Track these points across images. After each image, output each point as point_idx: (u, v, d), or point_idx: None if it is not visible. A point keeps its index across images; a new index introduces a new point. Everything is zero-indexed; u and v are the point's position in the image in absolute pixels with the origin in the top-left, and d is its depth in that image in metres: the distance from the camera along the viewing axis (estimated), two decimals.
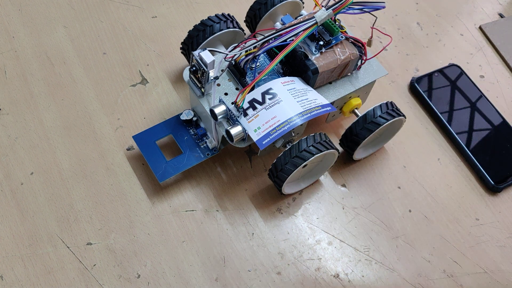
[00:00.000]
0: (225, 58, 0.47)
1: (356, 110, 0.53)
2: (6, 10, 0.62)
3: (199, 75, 0.47)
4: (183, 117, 0.52)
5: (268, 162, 0.55)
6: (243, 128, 0.46)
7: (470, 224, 0.53)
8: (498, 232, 0.53)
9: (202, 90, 0.48)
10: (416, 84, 0.61)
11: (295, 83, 0.48)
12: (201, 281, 0.47)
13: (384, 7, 0.47)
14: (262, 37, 0.46)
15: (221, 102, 0.47)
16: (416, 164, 0.56)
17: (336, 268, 0.49)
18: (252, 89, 0.47)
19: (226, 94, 0.49)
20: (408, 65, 0.64)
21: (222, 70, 0.48)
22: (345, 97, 0.52)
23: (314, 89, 0.49)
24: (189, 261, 0.48)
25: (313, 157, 0.46)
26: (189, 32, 0.53)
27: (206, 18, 0.53)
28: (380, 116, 0.50)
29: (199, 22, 0.53)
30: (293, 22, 0.49)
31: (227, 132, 0.46)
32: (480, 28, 0.69)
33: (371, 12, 0.48)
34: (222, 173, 0.54)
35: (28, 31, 0.60)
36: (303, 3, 0.58)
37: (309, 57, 0.48)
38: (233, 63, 0.49)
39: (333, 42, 0.49)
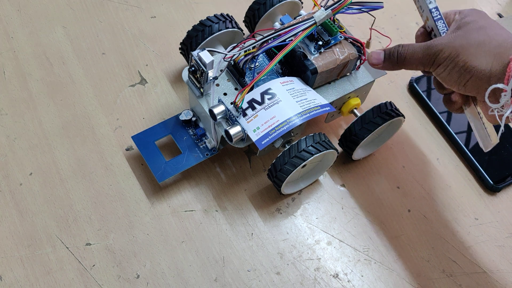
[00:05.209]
0: (224, 58, 0.47)
1: (355, 110, 0.53)
2: (5, 10, 0.62)
3: (198, 75, 0.47)
4: (182, 117, 0.52)
5: (267, 162, 0.55)
6: (242, 128, 0.46)
7: (469, 224, 0.53)
8: (497, 232, 0.53)
9: (201, 90, 0.48)
10: (415, 84, 0.61)
11: (294, 83, 0.48)
12: (200, 281, 0.47)
13: (382, 7, 0.47)
14: (261, 37, 0.47)
15: (220, 102, 0.47)
16: (415, 164, 0.57)
17: (335, 268, 0.49)
18: (251, 89, 0.47)
19: (225, 94, 0.49)
20: None
21: (221, 70, 0.48)
22: (344, 97, 0.52)
23: (313, 89, 0.49)
24: (188, 261, 0.48)
25: (312, 157, 0.46)
26: (188, 32, 0.53)
27: (205, 18, 0.53)
28: (379, 116, 0.50)
29: (198, 22, 0.53)
30: (292, 22, 0.49)
31: (226, 132, 0.46)
32: None
33: (370, 12, 0.48)
34: (221, 173, 0.54)
35: (27, 31, 0.60)
36: (302, 3, 0.58)
37: (308, 57, 0.48)
38: (232, 63, 0.49)
39: (332, 42, 0.49)
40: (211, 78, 0.46)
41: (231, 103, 0.47)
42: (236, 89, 0.49)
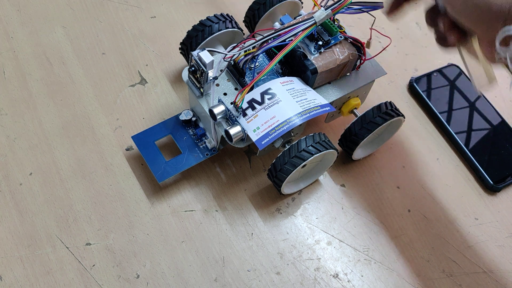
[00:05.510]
0: (224, 58, 0.47)
1: (355, 110, 0.53)
2: (5, 10, 0.62)
3: (198, 75, 0.47)
4: (182, 117, 0.52)
5: (267, 162, 0.55)
6: (242, 128, 0.46)
7: (469, 224, 0.53)
8: (497, 231, 0.53)
9: (201, 90, 0.48)
10: (415, 84, 0.61)
11: (294, 83, 0.48)
12: (200, 281, 0.47)
13: (382, 7, 0.47)
14: (261, 37, 0.47)
15: (220, 102, 0.47)
16: (415, 164, 0.57)
17: (335, 268, 0.49)
18: (251, 89, 0.47)
19: (225, 94, 0.49)
20: (407, 65, 0.64)
21: (221, 70, 0.48)
22: (344, 97, 0.52)
23: (313, 89, 0.49)
24: (188, 261, 0.48)
25: (312, 157, 0.46)
26: (188, 32, 0.53)
27: (205, 18, 0.53)
28: (379, 116, 0.50)
29: (198, 22, 0.53)
30: (292, 22, 0.49)
31: (226, 132, 0.46)
32: None
33: (370, 12, 0.48)
34: (221, 173, 0.54)
35: (26, 31, 0.60)
36: (302, 3, 0.58)
37: (308, 57, 0.48)
38: (232, 63, 0.49)
39: (332, 42, 0.49)
40: (211, 78, 0.46)
41: (231, 103, 0.47)
42: (236, 89, 0.49)
